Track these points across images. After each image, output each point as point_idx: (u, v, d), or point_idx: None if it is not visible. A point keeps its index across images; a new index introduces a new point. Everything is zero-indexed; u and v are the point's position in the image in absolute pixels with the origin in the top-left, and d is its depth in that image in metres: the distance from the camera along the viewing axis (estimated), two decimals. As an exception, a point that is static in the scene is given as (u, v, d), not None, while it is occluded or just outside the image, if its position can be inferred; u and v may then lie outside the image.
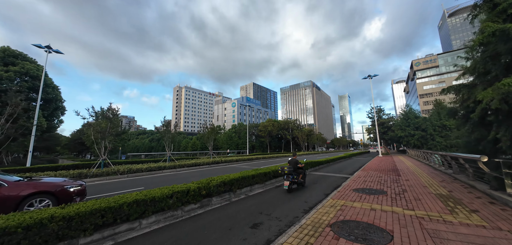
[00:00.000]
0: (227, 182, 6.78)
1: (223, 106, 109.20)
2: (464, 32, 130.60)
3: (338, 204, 5.14)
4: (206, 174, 12.94)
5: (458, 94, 6.71)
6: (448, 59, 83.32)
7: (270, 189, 8.25)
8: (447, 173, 9.32)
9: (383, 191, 6.42)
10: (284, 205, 5.85)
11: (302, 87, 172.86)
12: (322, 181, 9.62)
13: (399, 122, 35.82)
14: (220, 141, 61.04)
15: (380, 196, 5.77)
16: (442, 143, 28.16)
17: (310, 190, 7.73)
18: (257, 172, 8.39)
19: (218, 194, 6.46)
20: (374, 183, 7.83)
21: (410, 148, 32.29)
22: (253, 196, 7.10)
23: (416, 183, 7.61)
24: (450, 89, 7.09)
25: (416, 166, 13.97)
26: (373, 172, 11.21)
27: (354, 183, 7.95)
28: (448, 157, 8.68)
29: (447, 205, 4.73)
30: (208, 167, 16.53)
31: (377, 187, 7.08)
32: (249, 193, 7.55)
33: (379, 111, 46.27)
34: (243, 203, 6.25)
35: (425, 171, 10.69)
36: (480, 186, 6.04)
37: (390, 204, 4.99)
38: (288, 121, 66.91)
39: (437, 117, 30.84)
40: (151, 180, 10.94)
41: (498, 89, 4.57)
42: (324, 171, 13.50)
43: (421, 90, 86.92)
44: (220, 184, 6.46)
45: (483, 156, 5.32)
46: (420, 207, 4.72)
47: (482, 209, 4.37)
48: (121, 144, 40.21)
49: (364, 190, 6.69)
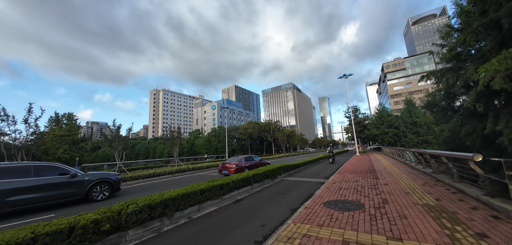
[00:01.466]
0: (157, 204, 4.87)
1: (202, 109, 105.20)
2: (425, 39, 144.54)
3: (300, 232, 3.59)
4: (162, 186, 10.78)
5: (441, 80, 5.75)
6: (414, 62, 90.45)
7: (227, 205, 6.52)
8: (426, 172, 8.50)
9: (360, 204, 5.07)
10: (234, 232, 4.17)
11: (284, 89, 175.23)
12: (293, 189, 8.16)
13: (374, 121, 36.77)
14: (199, 145, 57.79)
15: (356, 213, 4.37)
16: (414, 140, 29.21)
17: (276, 205, 6.16)
18: (210, 185, 6.59)
19: (140, 224, 4.54)
20: (350, 191, 6.54)
21: (385, 145, 33.11)
22: (198, 220, 5.30)
23: (396, 188, 6.48)
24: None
25: (393, 164, 13.39)
26: (349, 174, 10.11)
27: (327, 192, 6.59)
28: (426, 154, 7.83)
29: (443, 226, 3.45)
30: (169, 178, 14.25)
31: (353, 197, 5.76)
32: (194, 214, 5.71)
33: (355, 111, 47.53)
34: (178, 234, 4.44)
35: (403, 171, 9.88)
36: (470, 190, 5.01)
37: (369, 228, 3.59)
38: (270, 123, 66.08)
39: (408, 115, 32.11)
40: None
41: (505, 60, 3.46)
42: (300, 175, 12.17)
43: (392, 91, 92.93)
44: (141, 210, 4.54)
45: (476, 155, 4.23)
46: (408, 231, 3.36)
47: (490, 231, 3.15)
48: (79, 154, 35.33)
49: (337, 203, 5.29)
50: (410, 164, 12.15)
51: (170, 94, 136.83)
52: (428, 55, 12.32)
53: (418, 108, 33.81)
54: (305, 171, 14.13)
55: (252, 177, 8.85)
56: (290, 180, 10.61)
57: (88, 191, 7.61)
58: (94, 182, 7.74)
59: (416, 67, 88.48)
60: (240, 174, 8.77)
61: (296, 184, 9.31)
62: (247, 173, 9.02)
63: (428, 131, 29.79)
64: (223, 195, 7.12)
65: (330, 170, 14.10)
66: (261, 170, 9.83)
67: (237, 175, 8.39)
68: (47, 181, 6.83)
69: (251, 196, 7.62)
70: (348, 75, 30.64)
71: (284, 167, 12.06)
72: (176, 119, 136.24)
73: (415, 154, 10.35)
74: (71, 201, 7.49)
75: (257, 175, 9.20)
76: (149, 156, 67.73)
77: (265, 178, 9.80)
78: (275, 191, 8.06)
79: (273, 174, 10.48)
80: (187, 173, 15.80)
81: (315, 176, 11.76)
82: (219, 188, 6.93)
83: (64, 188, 7.14)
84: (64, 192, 7.14)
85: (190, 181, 12.27)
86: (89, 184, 7.64)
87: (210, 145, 55.64)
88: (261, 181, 9.46)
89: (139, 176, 12.73)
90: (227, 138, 49.15)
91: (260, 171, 9.64)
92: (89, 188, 7.63)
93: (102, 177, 8.02)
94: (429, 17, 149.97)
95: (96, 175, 7.97)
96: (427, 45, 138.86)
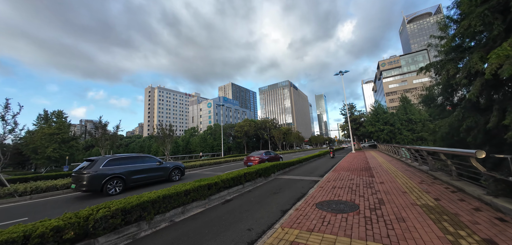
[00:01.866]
0: (132, 207, 4.42)
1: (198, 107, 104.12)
2: (420, 37, 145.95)
3: (287, 239, 3.21)
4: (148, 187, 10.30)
5: (441, 71, 5.39)
6: (409, 60, 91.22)
7: (215, 206, 6.11)
8: (423, 170, 8.25)
9: (354, 205, 4.72)
10: (216, 238, 3.77)
11: (280, 87, 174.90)
12: (286, 189, 7.80)
13: (369, 118, 36.78)
14: (194, 143, 57.07)
15: (350, 216, 4.02)
16: (409, 136, 29.28)
17: (266, 205, 5.78)
18: (196, 185, 6.16)
19: (112, 230, 4.09)
20: (345, 190, 6.21)
21: (380, 142, 33.16)
22: (180, 223, 4.88)
23: (393, 187, 6.17)
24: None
25: (388, 161, 13.18)
26: (344, 172, 9.81)
27: (321, 192, 6.24)
28: (423, 151, 7.55)
29: (445, 231, 3.11)
30: (160, 176, 13.71)
31: (348, 197, 5.41)
32: (177, 217, 5.28)
33: (351, 108, 47.57)
34: (155, 240, 4.02)
35: (399, 168, 9.63)
36: (470, 189, 4.71)
37: (364, 232, 3.23)
38: (266, 121, 65.76)
39: (403, 112, 32.16)
40: (40, 207, 7.90)
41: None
42: (294, 173, 11.84)
43: (387, 89, 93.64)
44: (113, 214, 4.08)
45: (479, 151, 3.90)
46: (407, 237, 3.01)
47: (498, 236, 2.82)
48: (70, 152, 34.32)
49: (330, 204, 4.93)
50: (406, 161, 11.94)
51: (166, 92, 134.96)
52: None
53: (414, 105, 33.92)
54: (300, 169, 13.81)
55: (244, 176, 8.46)
56: (284, 178, 10.26)
57: (169, 174, 10.71)
58: (172, 168, 10.89)
59: (411, 65, 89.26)
60: (232, 172, 8.38)
61: (289, 183, 8.96)
62: (238, 171, 8.63)
63: (423, 128, 29.91)
64: (211, 195, 6.70)
65: (324, 167, 13.82)
66: (252, 168, 9.44)
67: (227, 173, 7.98)
68: (150, 166, 9.89)
69: (241, 196, 7.23)
70: (344, 72, 30.42)
71: (278, 165, 11.70)
72: (172, 117, 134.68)
73: (411, 151, 10.10)
74: (160, 181, 10.41)
75: (249, 173, 8.81)
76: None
77: (257, 177, 9.42)
78: (267, 191, 7.68)
79: (266, 172, 10.10)
80: (178, 172, 15.26)
81: (309, 173, 11.45)
82: (207, 188, 6.50)
83: (157, 171, 10.17)
84: (158, 174, 10.17)
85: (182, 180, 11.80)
86: (170, 169, 10.72)
87: (205, 143, 55.01)
88: (253, 180, 9.08)
89: (127, 175, 12.14)
90: (223, 136, 48.65)
91: (252, 169, 9.25)
92: (170, 172, 10.73)
93: (176, 165, 11.18)
94: (425, 15, 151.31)
95: (173, 163, 11.10)
96: (422, 44, 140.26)
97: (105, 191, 8.16)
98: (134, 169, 9.16)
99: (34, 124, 35.71)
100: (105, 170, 8.37)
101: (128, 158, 9.41)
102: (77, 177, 8.18)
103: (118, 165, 8.85)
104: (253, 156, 16.35)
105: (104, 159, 8.68)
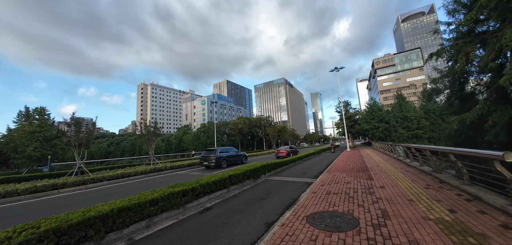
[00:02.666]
0: (71, 226, 3.43)
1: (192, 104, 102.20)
2: (414, 36, 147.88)
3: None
4: (132, 190, 9.30)
5: (457, 56, 4.56)
6: (403, 58, 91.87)
7: (190, 217, 5.19)
8: (424, 171, 7.55)
9: (353, 218, 3.89)
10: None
11: (276, 84, 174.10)
12: (275, 193, 6.94)
13: (364, 115, 36.42)
14: (187, 141, 55.70)
15: (349, 236, 3.18)
16: (404, 134, 28.98)
17: (249, 216, 4.89)
18: (166, 193, 5.20)
19: (39, 259, 3.10)
20: (341, 197, 5.39)
21: (375, 140, 32.83)
22: (140, 242, 3.94)
23: (396, 192, 5.39)
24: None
25: (385, 160, 12.54)
26: (340, 174, 9.04)
27: (313, 199, 5.40)
28: (427, 150, 6.82)
29: (478, 262, 2.29)
30: (143, 178, 12.68)
31: (344, 207, 4.59)
32: (137, 234, 4.32)
33: (346, 105, 47.25)
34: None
35: (398, 169, 8.93)
36: (487, 197, 3.96)
37: (369, 265, 2.38)
38: (261, 119, 64.84)
39: (398, 109, 31.87)
40: None
41: None
42: (286, 173, 11.01)
43: (381, 87, 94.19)
44: (41, 237, 3.09)
45: (508, 153, 3.12)
46: (429, 274, 2.18)
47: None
48: (53, 151, 32.53)
49: (323, 216, 4.09)
50: (403, 160, 11.30)
51: (159, 89, 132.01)
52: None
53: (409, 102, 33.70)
54: (293, 168, 13.00)
55: (229, 178, 7.56)
56: (275, 179, 9.41)
57: (242, 159, 16.98)
58: (243, 155, 17.28)
59: (405, 64, 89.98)
60: (215, 175, 7.46)
61: (280, 185, 8.11)
62: (222, 173, 7.73)
63: (419, 125, 29.68)
64: (187, 202, 5.77)
65: (319, 167, 13.06)
66: (239, 170, 8.54)
67: (208, 177, 7.05)
68: (234, 154, 16.36)
69: (224, 202, 6.33)
70: (339, 68, 29.80)
71: (269, 165, 10.84)
72: (165, 115, 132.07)
73: (411, 150, 9.40)
74: (238, 163, 16.62)
75: (235, 176, 7.91)
76: (135, 153, 64.91)
77: (245, 179, 8.54)
78: (254, 195, 6.80)
79: (255, 173, 9.23)
80: (163, 173, 14.25)
81: (302, 174, 10.65)
82: (181, 196, 5.56)
83: (237, 158, 16.49)
84: (236, 159, 16.44)
85: (164, 182, 10.80)
86: (242, 156, 17.14)
87: (198, 141, 53.74)
88: (240, 183, 8.19)
89: (104, 177, 11.05)
90: (217, 134, 47.55)
91: (239, 171, 8.35)
92: (242, 158, 17.06)
93: (244, 154, 17.52)
94: (418, 14, 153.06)
95: (242, 153, 17.41)
96: (415, 42, 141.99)
97: (222, 166, 14.65)
98: (228, 155, 15.63)
99: (14, 121, 33.64)
100: (221, 155, 14.96)
101: (225, 151, 15.72)
102: (207, 158, 14.77)
103: (224, 153, 15.42)
104: (282, 149, 20.77)
105: (218, 149, 15.16)
